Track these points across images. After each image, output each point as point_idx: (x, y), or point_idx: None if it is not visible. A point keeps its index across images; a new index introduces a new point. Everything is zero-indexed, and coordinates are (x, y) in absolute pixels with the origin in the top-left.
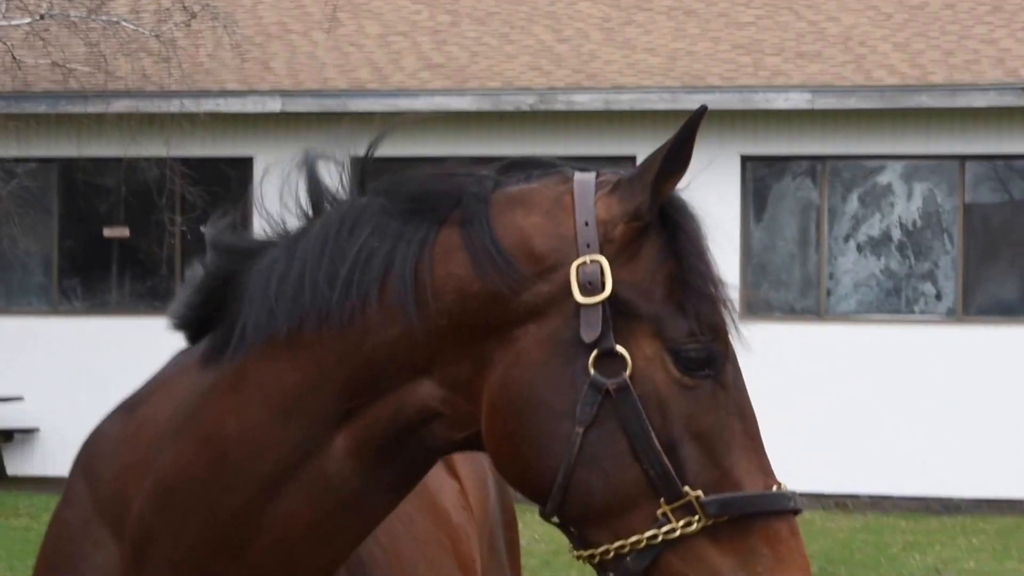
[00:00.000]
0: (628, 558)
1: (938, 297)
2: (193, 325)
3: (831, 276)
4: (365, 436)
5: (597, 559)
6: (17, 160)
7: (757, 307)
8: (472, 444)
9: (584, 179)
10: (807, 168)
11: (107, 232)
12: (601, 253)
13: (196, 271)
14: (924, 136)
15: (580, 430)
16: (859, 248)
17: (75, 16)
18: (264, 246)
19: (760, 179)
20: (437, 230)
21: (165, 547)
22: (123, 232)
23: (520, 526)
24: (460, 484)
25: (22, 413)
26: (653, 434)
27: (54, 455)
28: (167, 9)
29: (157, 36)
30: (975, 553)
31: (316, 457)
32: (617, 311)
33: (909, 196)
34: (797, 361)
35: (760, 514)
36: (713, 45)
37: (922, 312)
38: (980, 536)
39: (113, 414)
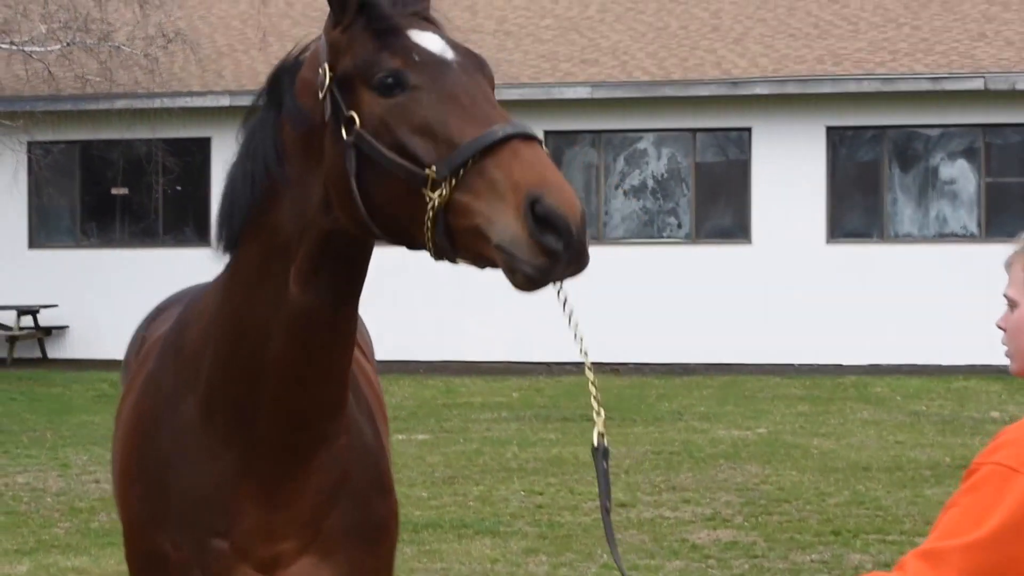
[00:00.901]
0: (436, 238)
1: (679, 226)
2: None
3: (606, 212)
4: (303, 270)
5: (431, 249)
6: (52, 142)
7: None
8: (360, 239)
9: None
10: (589, 139)
11: (113, 191)
12: (327, 60)
13: None
14: (668, 116)
15: (354, 179)
16: (625, 193)
17: (90, 43)
18: None
19: (557, 147)
20: (277, 112)
21: (221, 396)
22: (124, 191)
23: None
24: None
25: (57, 315)
26: (384, 150)
27: (79, 344)
28: (152, 36)
29: (145, 55)
30: (705, 401)
31: (285, 302)
32: (344, 89)
33: (659, 157)
34: (584, 273)
35: (484, 152)
36: (524, 55)
37: (668, 237)
38: (708, 389)
39: (188, 303)
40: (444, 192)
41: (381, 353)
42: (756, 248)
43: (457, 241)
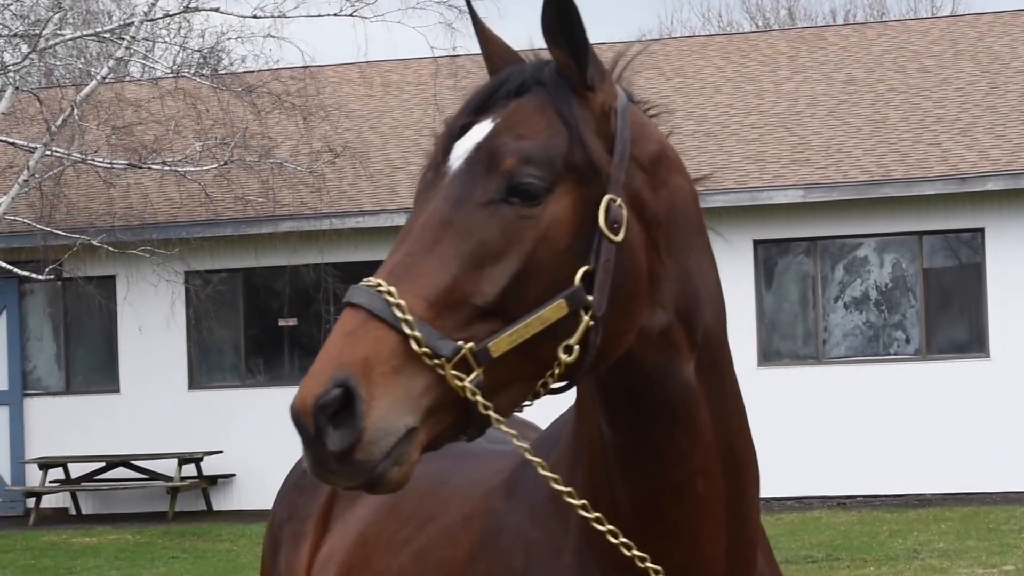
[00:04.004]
0: None
1: (907, 341)
2: None
3: (825, 329)
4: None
5: None
6: (212, 271)
7: (771, 355)
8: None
9: None
10: (803, 247)
11: (280, 322)
12: None
13: None
14: (890, 218)
15: None
16: (845, 306)
17: (250, 160)
18: None
19: (769, 257)
20: None
21: (596, 547)
22: (292, 322)
23: None
24: None
25: (222, 463)
26: None
27: (247, 494)
28: (317, 151)
29: (311, 172)
30: (944, 536)
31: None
32: None
33: (881, 265)
34: (803, 396)
35: None
36: (728, 157)
37: (896, 353)
38: (947, 523)
39: (547, 440)
40: None
41: None
42: (995, 362)
43: None
